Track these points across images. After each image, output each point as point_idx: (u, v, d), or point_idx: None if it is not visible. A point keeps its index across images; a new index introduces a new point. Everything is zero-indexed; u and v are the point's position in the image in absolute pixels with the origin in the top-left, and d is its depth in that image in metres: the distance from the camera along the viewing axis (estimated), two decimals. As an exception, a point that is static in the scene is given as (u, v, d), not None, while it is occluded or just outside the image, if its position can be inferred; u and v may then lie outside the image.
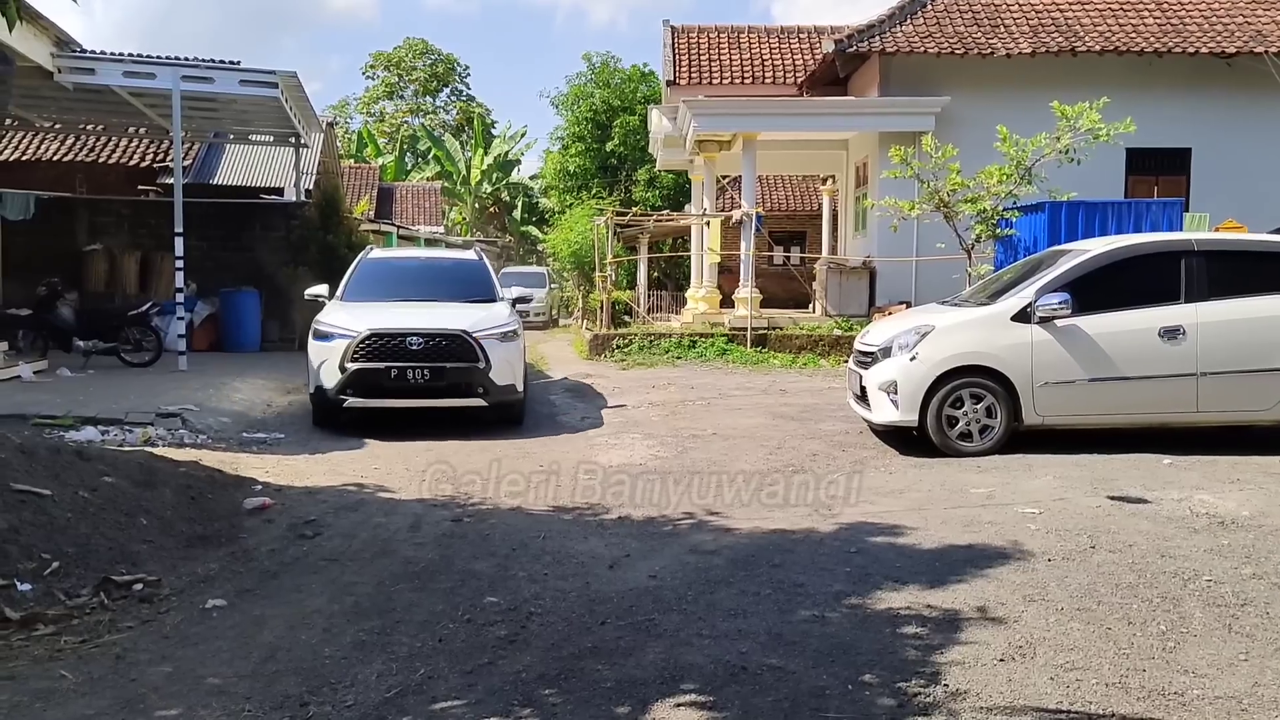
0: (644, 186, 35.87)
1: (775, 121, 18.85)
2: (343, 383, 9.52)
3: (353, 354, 9.46)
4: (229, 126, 19.18)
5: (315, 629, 4.56)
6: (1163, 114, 16.85)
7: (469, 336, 9.66)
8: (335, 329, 9.75)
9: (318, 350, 9.73)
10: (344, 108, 58.48)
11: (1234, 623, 4.40)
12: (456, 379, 9.65)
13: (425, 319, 9.90)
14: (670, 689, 3.77)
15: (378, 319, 9.81)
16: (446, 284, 11.28)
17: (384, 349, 9.54)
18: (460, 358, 9.61)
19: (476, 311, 10.28)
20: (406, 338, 9.55)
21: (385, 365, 9.49)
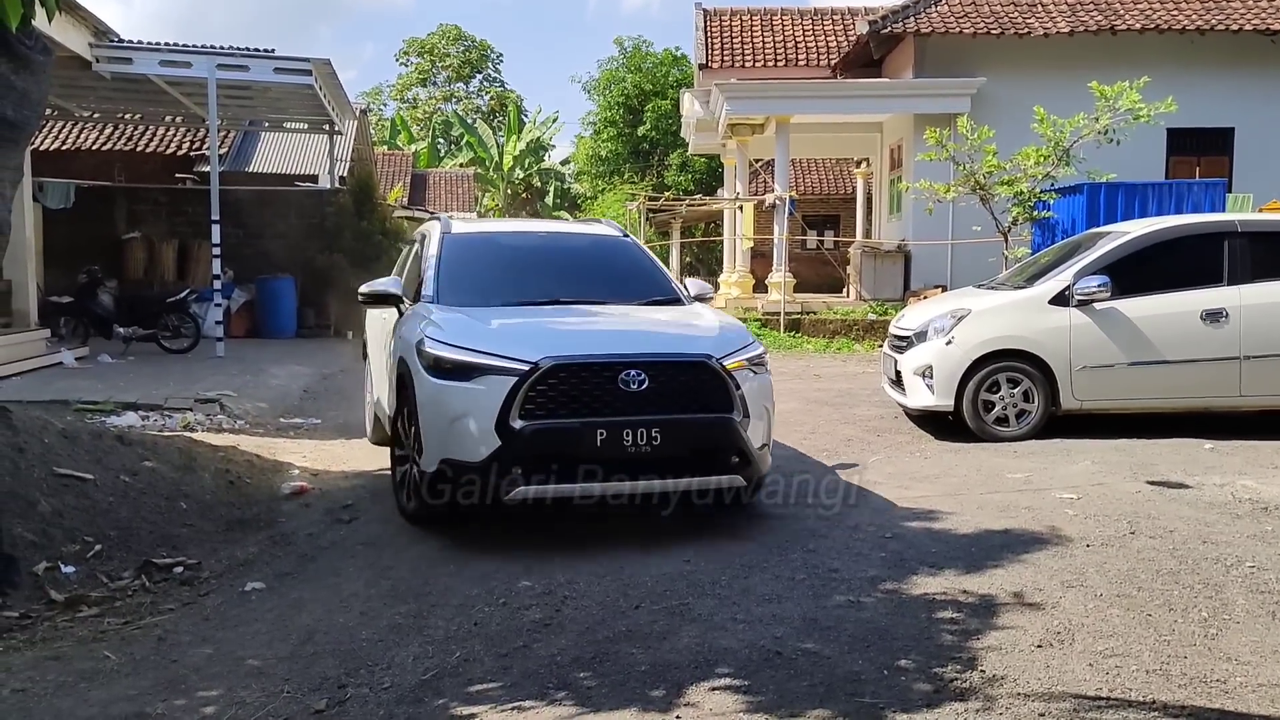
0: (676, 171, 35.79)
1: (808, 104, 18.72)
2: (508, 455, 5.26)
3: (524, 403, 5.28)
4: (264, 114, 19.34)
5: (352, 612, 4.61)
6: (1205, 93, 16.55)
7: (717, 366, 5.58)
8: (478, 357, 5.44)
9: (439, 395, 5.48)
10: (378, 95, 58.73)
11: (1278, 610, 4.33)
12: (702, 442, 5.57)
13: (631, 336, 5.93)
14: (704, 673, 3.77)
15: (547, 337, 5.71)
16: (591, 276, 7.08)
17: (580, 392, 5.36)
18: (705, 403, 5.56)
19: (686, 320, 6.38)
20: (620, 371, 5.38)
21: (587, 422, 5.32)
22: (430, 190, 37.25)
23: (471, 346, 5.55)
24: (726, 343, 5.85)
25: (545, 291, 6.66)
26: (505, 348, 5.51)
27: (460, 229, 7.24)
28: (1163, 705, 3.45)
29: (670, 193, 27.93)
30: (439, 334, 5.71)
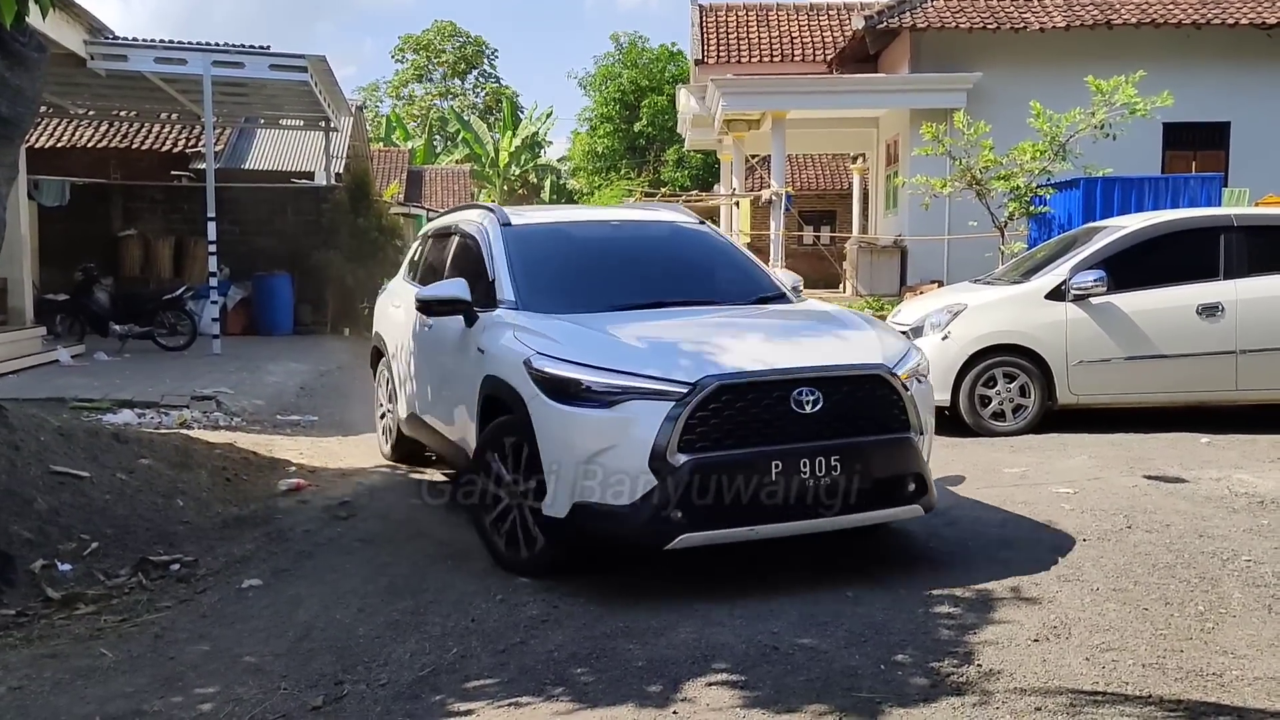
0: (673, 167, 35.79)
1: (804, 100, 18.70)
2: (667, 496, 4.41)
3: (684, 432, 4.43)
4: (259, 111, 19.30)
5: (350, 609, 4.61)
6: (1201, 87, 16.55)
7: (893, 378, 4.81)
8: (621, 377, 4.59)
9: (571, 425, 4.60)
10: (374, 91, 58.64)
11: (1274, 603, 4.34)
12: (884, 468, 4.76)
13: (788, 347, 5.09)
14: (701, 668, 3.77)
15: (696, 350, 4.81)
16: (686, 272, 6.27)
17: (748, 417, 4.54)
18: (882, 422, 4.79)
19: (827, 323, 5.56)
20: (791, 390, 4.59)
21: (759, 452, 4.51)
22: (426, 187, 37.21)
23: (607, 365, 4.64)
24: (891, 349, 5.04)
25: (644, 292, 5.76)
26: (651, 365, 4.62)
27: (521, 220, 6.25)
28: (1159, 699, 3.46)
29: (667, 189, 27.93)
30: (555, 349, 4.81)
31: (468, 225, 6.50)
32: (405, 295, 7.12)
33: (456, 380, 5.79)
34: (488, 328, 5.41)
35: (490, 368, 5.17)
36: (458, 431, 5.80)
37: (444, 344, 6.04)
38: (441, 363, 6.18)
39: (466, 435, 5.60)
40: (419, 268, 7.42)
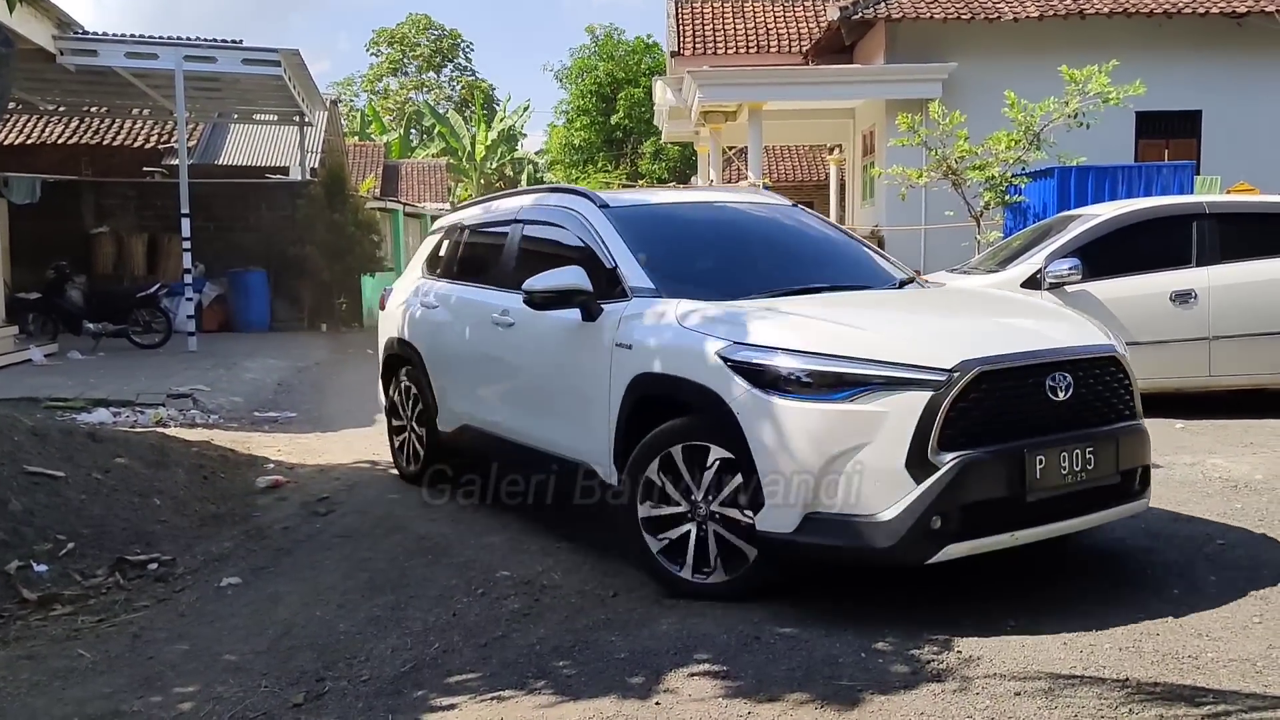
0: (650, 159, 35.77)
1: (781, 91, 18.70)
2: (930, 501, 3.87)
3: (943, 427, 3.91)
4: (233, 106, 19.16)
5: (330, 605, 4.59)
6: (1173, 76, 16.66)
7: (1124, 361, 4.55)
8: (861, 366, 4.02)
9: (802, 423, 4.01)
10: (349, 85, 58.31)
11: (1248, 586, 4.38)
12: (1127, 460, 4.39)
13: (1011, 330, 4.67)
14: (684, 659, 3.78)
15: (937, 334, 4.53)
16: (813, 255, 5.79)
17: (1004, 408, 4.08)
18: (1117, 409, 4.45)
19: (1020, 306, 5.49)
20: (1045, 375, 4.18)
21: (1025, 446, 4.05)
22: (403, 181, 37.06)
23: (839, 352, 4.07)
24: (1104, 329, 4.74)
25: (786, 275, 5.23)
26: (894, 350, 4.07)
27: (619, 202, 5.58)
28: (1136, 683, 3.49)
29: (644, 181, 27.90)
30: (764, 335, 4.22)
31: (543, 211, 5.84)
32: (445, 294, 6.43)
33: (567, 383, 5.13)
34: (627, 319, 4.74)
35: (644, 364, 4.57)
36: (569, 441, 5.10)
37: (539, 343, 5.37)
38: (532, 365, 5.47)
39: (586, 444, 4.93)
40: (447, 264, 6.68)
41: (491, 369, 5.89)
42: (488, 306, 5.85)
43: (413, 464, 6.77)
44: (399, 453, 6.95)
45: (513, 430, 5.68)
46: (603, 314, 4.89)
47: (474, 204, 6.99)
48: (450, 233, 6.87)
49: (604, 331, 4.84)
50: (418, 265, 7.07)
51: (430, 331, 6.49)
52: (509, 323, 5.59)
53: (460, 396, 6.17)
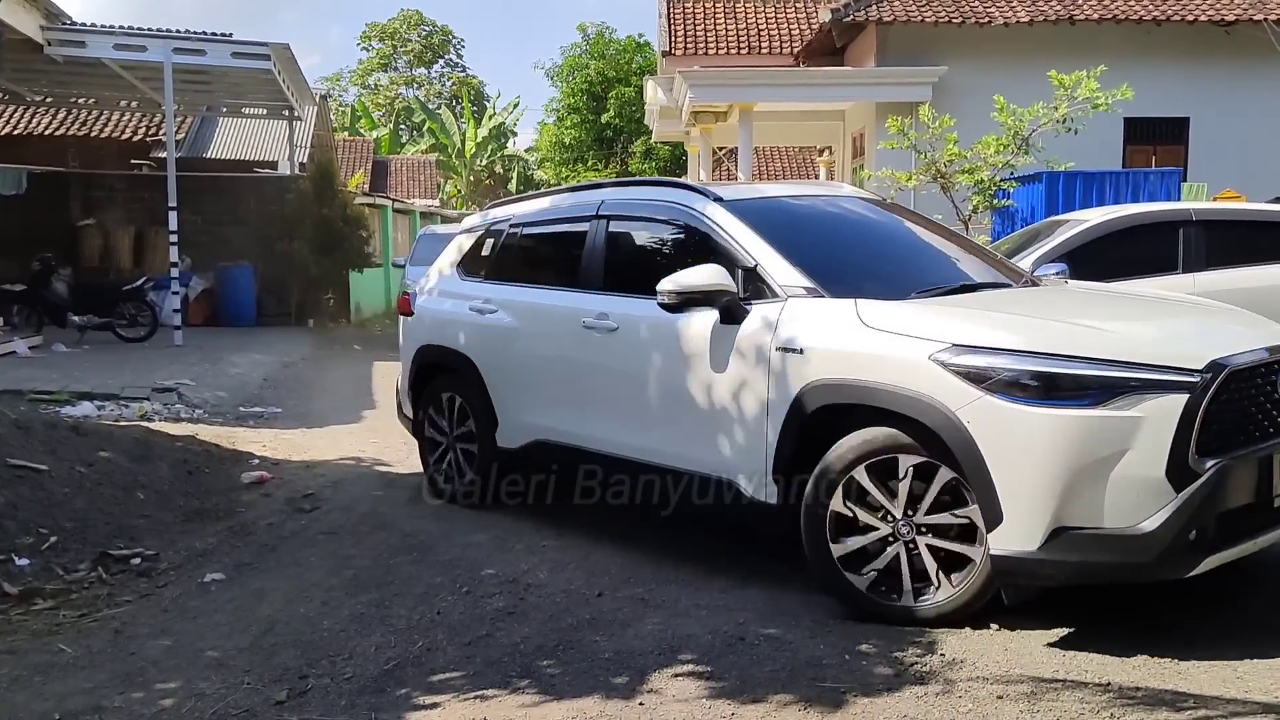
0: (640, 158, 35.76)
1: (771, 92, 18.71)
2: (1197, 509, 3.66)
3: (1199, 431, 3.70)
4: (222, 100, 19.09)
5: (314, 602, 4.58)
6: (1161, 83, 16.74)
7: None
8: (1105, 367, 3.75)
9: (1044, 430, 3.72)
10: (338, 80, 58.15)
11: (1232, 591, 4.40)
12: None
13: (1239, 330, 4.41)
14: (668, 659, 3.78)
15: (1170, 332, 4.38)
16: (940, 253, 5.44)
17: (1248, 408, 3.94)
18: None
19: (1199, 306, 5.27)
20: (1275, 375, 4.02)
21: (1269, 448, 3.92)
22: (392, 177, 36.96)
23: (1079, 353, 3.81)
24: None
25: (932, 275, 4.98)
26: (1138, 350, 3.85)
27: (736, 194, 5.21)
28: (1118, 687, 3.50)
29: (634, 180, 27.95)
30: (989, 337, 3.92)
31: (635, 206, 5.44)
32: (505, 297, 5.85)
33: (701, 391, 4.69)
34: (788, 321, 4.37)
35: (822, 370, 4.20)
36: (702, 454, 4.69)
37: (657, 349, 4.92)
38: (645, 373, 4.97)
39: (728, 457, 4.58)
40: (496, 264, 6.10)
41: (584, 378, 5.34)
42: (574, 310, 5.32)
43: (456, 482, 6.09)
44: (436, 471, 6.23)
45: (615, 444, 5.15)
46: (749, 315, 4.52)
47: (520, 200, 6.50)
48: (493, 232, 6.25)
49: (755, 334, 4.46)
50: (448, 266, 6.46)
51: (489, 338, 5.88)
52: (610, 327, 5.11)
53: (535, 409, 5.60)
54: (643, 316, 4.97)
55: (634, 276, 5.19)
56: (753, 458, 4.47)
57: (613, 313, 5.14)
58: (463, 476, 6.06)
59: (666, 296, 4.61)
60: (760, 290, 4.57)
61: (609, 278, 5.32)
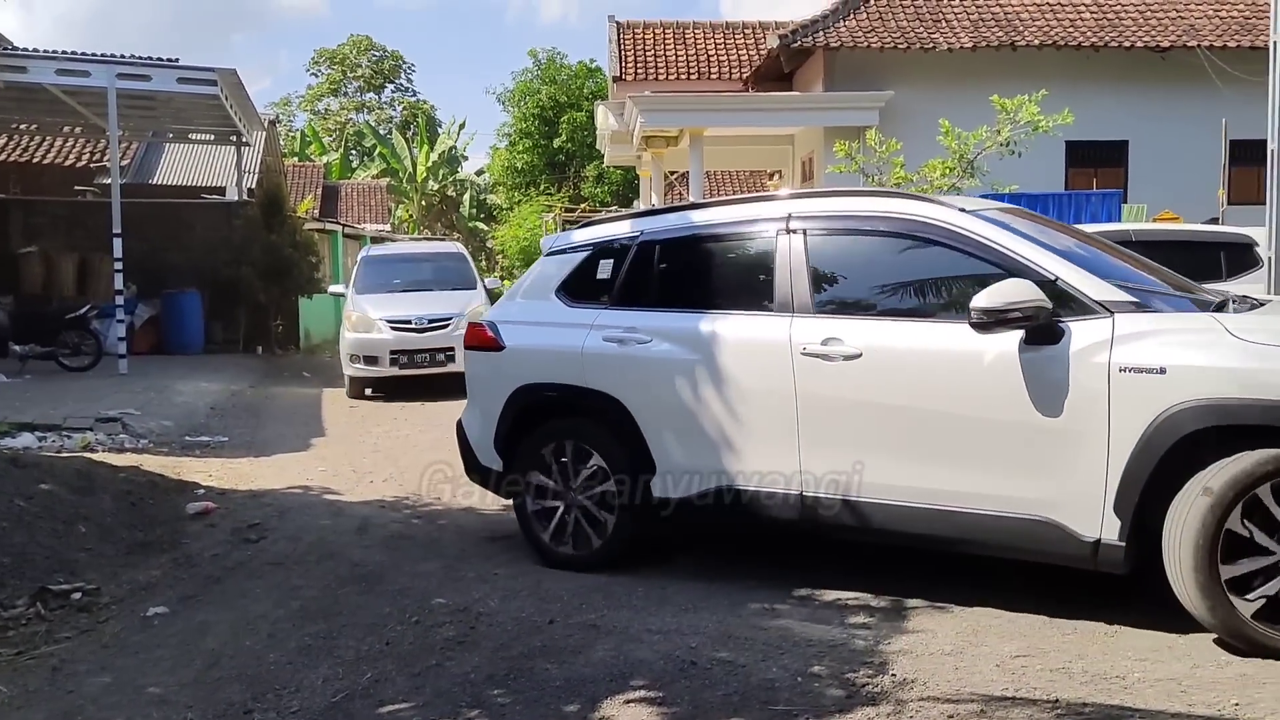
0: (593, 182, 35.87)
1: (721, 117, 18.88)
2: None
3: None
4: (168, 125, 18.87)
5: (260, 634, 4.49)
6: (1101, 107, 17.11)
7: None
8: None
9: None
10: (287, 105, 57.71)
11: (1174, 606, 4.46)
12: None
13: None
14: (619, 685, 3.76)
15: None
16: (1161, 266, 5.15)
17: None
18: None
19: None
20: None
21: None
22: (342, 202, 36.71)
23: None
24: None
25: (1193, 287, 4.84)
26: None
27: (976, 206, 4.86)
28: (1065, 703, 3.53)
29: (587, 204, 27.95)
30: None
31: (850, 220, 4.94)
32: (665, 325, 5.15)
33: (1004, 421, 4.25)
34: (1129, 338, 4.02)
35: (1193, 391, 3.88)
36: (1008, 490, 4.25)
37: (932, 375, 4.44)
38: (917, 404, 4.46)
39: (1048, 493, 4.16)
40: (630, 288, 5.38)
41: (808, 413, 4.69)
42: (782, 337, 4.73)
43: (583, 547, 5.25)
44: (546, 532, 5.34)
45: (858, 484, 4.60)
46: (1067, 334, 4.15)
47: (625, 217, 5.88)
48: (611, 250, 5.49)
49: (1084, 354, 4.08)
50: (542, 291, 5.68)
51: (644, 373, 5.15)
52: (848, 353, 4.56)
53: (717, 452, 4.93)
54: (898, 340, 4.52)
55: (870, 296, 4.80)
56: (1083, 490, 4.08)
57: (848, 337, 4.58)
58: (593, 536, 5.23)
59: (981, 315, 4.17)
60: (1070, 306, 4.19)
61: (825, 299, 4.81)
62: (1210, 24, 17.82)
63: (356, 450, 9.00)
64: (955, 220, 4.59)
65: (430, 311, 12.77)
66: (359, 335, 12.70)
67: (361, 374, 12.72)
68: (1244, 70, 15.09)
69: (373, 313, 12.74)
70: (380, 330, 12.58)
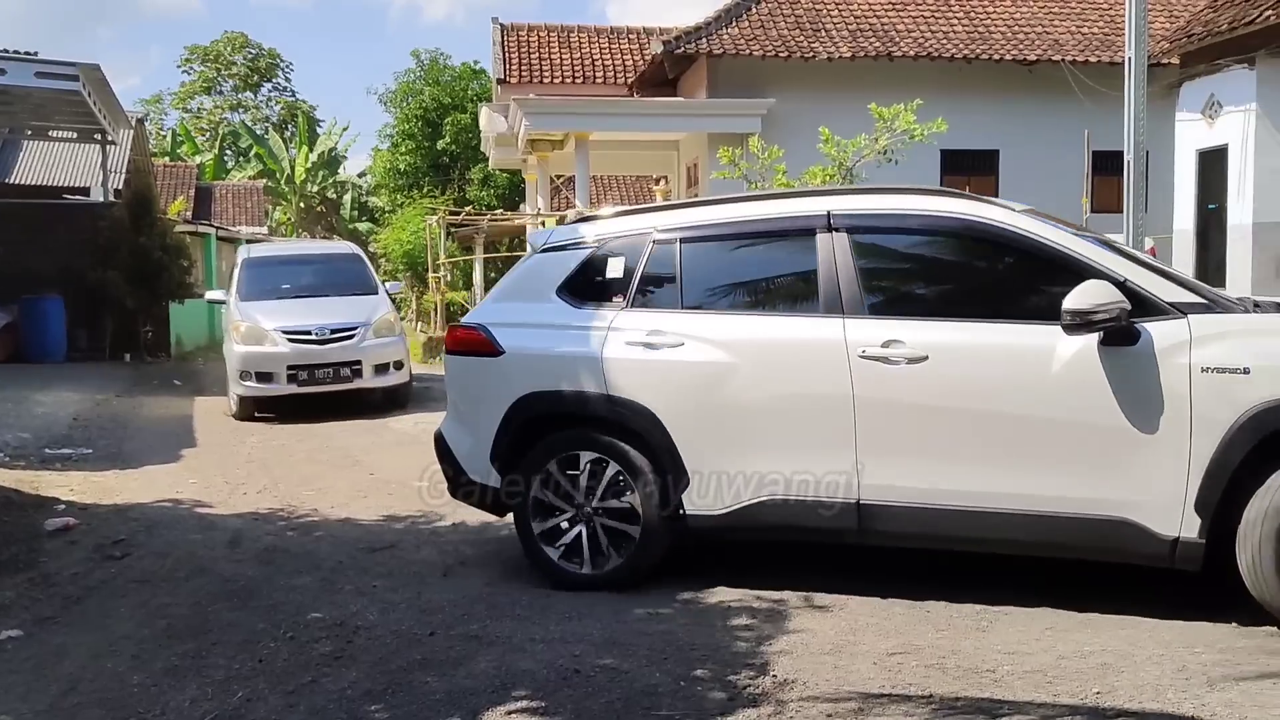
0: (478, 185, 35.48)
1: (606, 121, 18.92)
2: None
3: None
4: (25, 122, 17.99)
5: (123, 656, 4.28)
6: (973, 117, 17.71)
7: None
8: None
9: None
10: (158, 102, 55.61)
11: (1041, 599, 4.62)
12: None
13: None
14: (501, 697, 3.70)
15: None
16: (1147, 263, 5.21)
17: None
18: None
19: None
20: None
21: None
22: (217, 204, 35.56)
23: None
24: None
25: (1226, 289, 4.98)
26: None
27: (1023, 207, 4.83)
28: (940, 698, 3.62)
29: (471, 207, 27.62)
30: None
31: (907, 218, 4.82)
32: (700, 329, 4.86)
33: (1087, 425, 4.26)
34: (1210, 339, 4.12)
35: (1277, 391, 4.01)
36: (1082, 492, 4.26)
37: (1009, 377, 4.40)
38: (990, 406, 4.40)
39: (1124, 493, 4.20)
40: (649, 288, 5.10)
41: (867, 418, 4.54)
42: (833, 339, 4.58)
43: (601, 565, 4.95)
44: (555, 550, 5.01)
45: (921, 491, 4.49)
46: (1144, 335, 4.19)
47: (657, 210, 5.61)
48: (620, 249, 5.17)
49: (1164, 355, 4.15)
50: (540, 291, 5.28)
51: (677, 380, 4.85)
52: (913, 356, 4.45)
53: (763, 461, 4.70)
54: (967, 343, 4.46)
55: (927, 297, 4.79)
56: (1163, 489, 4.13)
57: (910, 340, 4.47)
58: (613, 554, 4.94)
59: (1072, 317, 4.15)
60: (1142, 307, 4.22)
61: (878, 300, 4.70)
62: (1073, 40, 18.65)
63: (230, 461, 8.70)
64: (1012, 221, 4.56)
65: (332, 320, 11.34)
66: (250, 349, 11.16)
67: (254, 393, 11.11)
68: (1104, 84, 15.82)
69: (265, 323, 11.25)
70: (275, 343, 11.08)
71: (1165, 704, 3.52)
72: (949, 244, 4.78)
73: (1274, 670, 3.75)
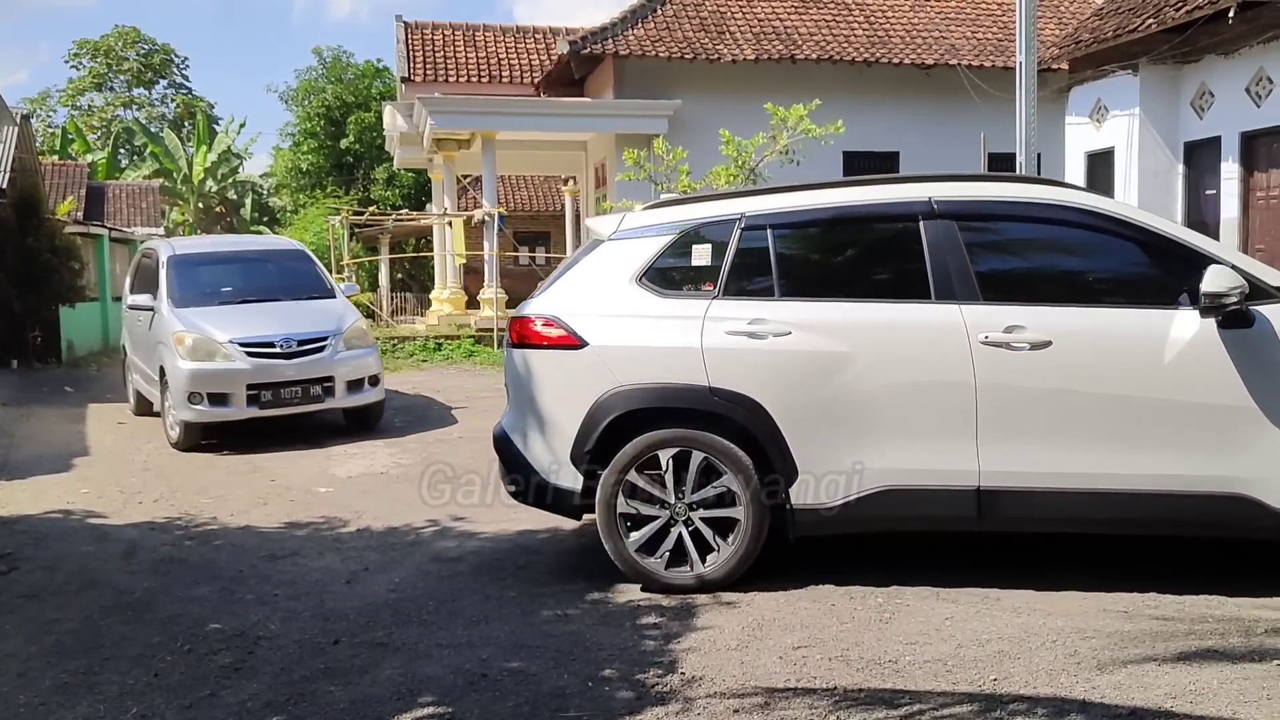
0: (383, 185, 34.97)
1: (512, 121, 18.82)
2: None
3: None
4: (-100, 118, 17.12)
5: (8, 675, 4.11)
6: (874, 119, 18.08)
7: None
8: None
9: None
10: (45, 100, 53.47)
11: (941, 591, 4.74)
12: None
13: None
14: (407, 704, 3.66)
15: None
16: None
17: None
18: None
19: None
20: None
21: None
22: (110, 204, 34.30)
23: None
24: None
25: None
26: None
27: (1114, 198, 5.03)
28: (844, 690, 3.69)
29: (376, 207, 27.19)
30: None
31: (1015, 205, 4.88)
32: (812, 317, 4.75)
33: (1214, 405, 4.46)
34: None
35: None
36: (1205, 469, 4.44)
37: (1138, 361, 4.52)
38: (1119, 390, 4.52)
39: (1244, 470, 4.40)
40: (743, 275, 4.94)
41: (992, 404, 4.57)
42: (954, 324, 4.59)
43: (699, 566, 4.81)
44: (647, 554, 4.84)
45: (1050, 475, 4.55)
46: (1260, 319, 4.42)
47: (743, 195, 5.47)
48: (713, 234, 5.00)
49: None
50: (616, 279, 5.01)
51: (791, 370, 4.72)
52: (1037, 340, 4.52)
53: (882, 451, 4.66)
54: (1091, 328, 4.57)
55: (1043, 283, 4.89)
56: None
57: (1032, 325, 4.54)
58: (714, 553, 4.79)
59: (1210, 300, 4.35)
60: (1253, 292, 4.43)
61: (993, 286, 4.69)
62: (969, 45, 19.16)
63: (125, 469, 8.42)
64: (1121, 210, 4.77)
65: (297, 330, 9.60)
66: (199, 365, 9.17)
67: (205, 418, 9.19)
68: (998, 88, 16.28)
69: (216, 334, 9.34)
70: (231, 358, 9.22)
71: (1058, 688, 3.64)
72: (1053, 230, 4.88)
73: (1157, 654, 3.91)
